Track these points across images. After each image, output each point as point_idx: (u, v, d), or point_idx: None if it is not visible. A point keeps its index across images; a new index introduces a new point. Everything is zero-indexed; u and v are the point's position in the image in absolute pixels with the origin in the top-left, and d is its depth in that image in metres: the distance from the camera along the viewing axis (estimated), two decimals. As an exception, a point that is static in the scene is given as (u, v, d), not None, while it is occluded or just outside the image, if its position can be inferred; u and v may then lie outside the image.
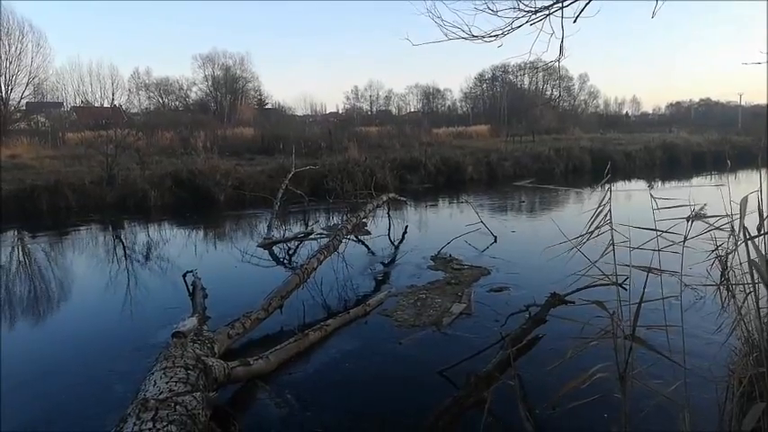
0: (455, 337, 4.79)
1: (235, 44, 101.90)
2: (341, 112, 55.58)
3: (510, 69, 54.02)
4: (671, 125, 44.46)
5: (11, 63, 26.61)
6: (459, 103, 59.26)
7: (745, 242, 2.43)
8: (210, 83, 49.83)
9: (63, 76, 30.30)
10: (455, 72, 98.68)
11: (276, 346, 4.27)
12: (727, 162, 5.27)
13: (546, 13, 3.93)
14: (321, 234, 9.57)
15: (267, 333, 4.96)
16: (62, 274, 8.12)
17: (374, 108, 58.80)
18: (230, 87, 49.79)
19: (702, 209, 2.75)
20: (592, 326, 2.71)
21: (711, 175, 20.28)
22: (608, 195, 2.68)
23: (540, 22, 3.94)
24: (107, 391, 3.91)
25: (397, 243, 9.17)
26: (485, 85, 58.42)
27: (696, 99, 62.85)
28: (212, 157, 16.95)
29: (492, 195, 15.95)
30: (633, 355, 2.41)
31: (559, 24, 3.85)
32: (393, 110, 58.49)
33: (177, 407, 2.79)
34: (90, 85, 29.15)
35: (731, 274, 3.08)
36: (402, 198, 11.49)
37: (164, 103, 47.16)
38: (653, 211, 2.56)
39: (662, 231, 2.52)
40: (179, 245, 9.86)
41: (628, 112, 62.89)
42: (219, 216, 13.24)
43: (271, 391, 3.82)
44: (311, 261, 6.09)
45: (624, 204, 11.96)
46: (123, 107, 29.99)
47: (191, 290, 5.82)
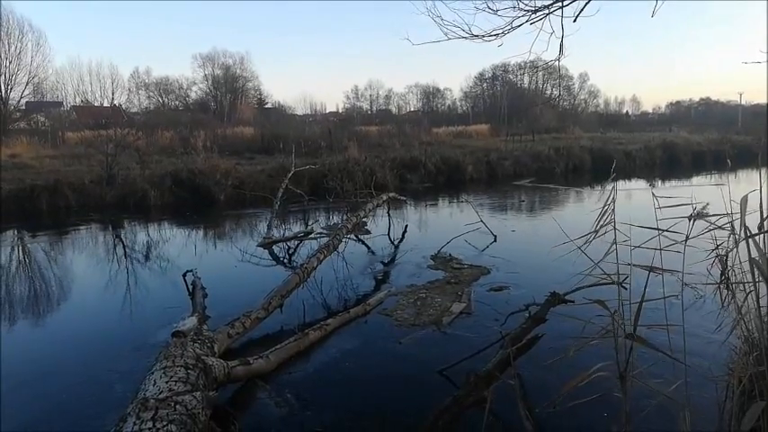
0: (455, 337, 4.79)
1: (235, 43, 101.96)
2: (341, 111, 55.62)
3: (510, 69, 54.09)
4: (671, 124, 44.47)
5: (10, 62, 26.73)
6: (459, 103, 59.39)
7: (745, 240, 2.43)
8: (210, 82, 49.85)
9: (63, 75, 30.43)
10: (455, 71, 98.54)
11: (276, 346, 4.27)
12: (728, 162, 5.27)
13: (546, 12, 3.94)
14: (321, 233, 9.56)
15: (267, 332, 4.96)
16: (62, 273, 8.12)
17: (374, 107, 58.83)
18: (230, 87, 49.78)
19: (705, 208, 2.75)
20: (593, 325, 2.71)
21: (711, 174, 20.28)
22: (612, 195, 2.67)
23: (540, 22, 3.94)
24: (107, 390, 3.91)
25: (396, 242, 9.17)
26: (485, 84, 58.48)
27: (696, 98, 62.96)
28: (212, 156, 16.96)
29: (492, 195, 15.95)
30: (634, 354, 2.41)
31: (559, 24, 3.86)
32: (393, 109, 58.50)
33: (177, 406, 2.79)
34: (90, 84, 29.25)
35: (731, 273, 3.08)
36: (402, 197, 11.49)
37: (163, 102, 47.17)
38: (655, 210, 2.56)
39: (663, 230, 2.51)
40: (179, 244, 9.85)
41: (628, 112, 62.99)
42: (219, 215, 13.24)
43: (271, 391, 3.82)
44: (311, 260, 6.10)
45: (625, 203, 11.96)
46: (123, 106, 30.08)
47: (190, 289, 5.82)
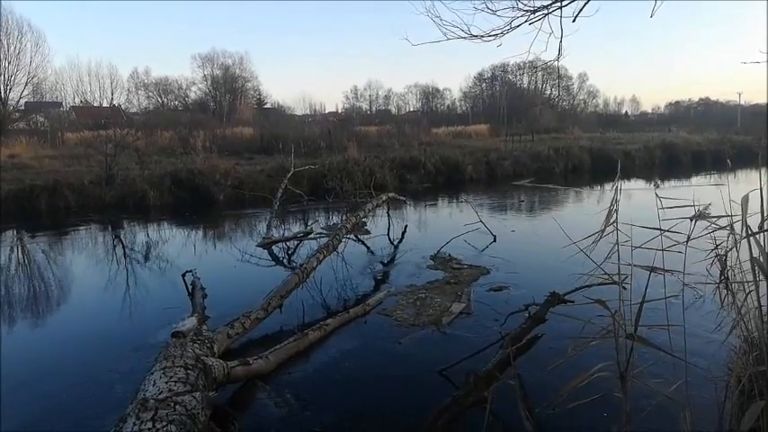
0: (454, 337, 4.79)
1: (234, 44, 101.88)
2: (340, 111, 55.65)
3: (509, 69, 54.13)
4: (670, 124, 44.48)
5: (10, 63, 26.67)
6: (459, 103, 59.37)
7: (747, 239, 2.43)
8: (210, 82, 49.79)
9: (62, 75, 30.45)
10: (454, 71, 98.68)
11: (276, 346, 4.27)
12: (728, 162, 5.27)
13: (545, 12, 3.94)
14: (320, 234, 9.56)
15: (267, 333, 4.95)
16: (61, 274, 8.11)
17: (373, 108, 58.82)
18: (229, 87, 49.75)
19: (706, 208, 2.75)
20: (593, 325, 2.71)
21: (711, 174, 20.30)
22: (616, 195, 2.67)
23: (539, 22, 3.95)
24: (107, 391, 3.90)
25: (396, 242, 9.17)
26: (484, 84, 58.48)
27: (695, 98, 63.06)
28: (211, 156, 16.98)
29: (491, 195, 15.95)
30: (634, 354, 2.41)
31: (558, 24, 3.87)
32: (392, 109, 58.50)
33: (177, 406, 2.79)
34: (89, 84, 29.27)
35: (730, 273, 3.08)
36: (401, 197, 11.50)
37: (163, 102, 47.12)
38: (658, 210, 2.56)
39: (665, 230, 2.51)
40: (178, 245, 9.85)
41: (627, 112, 63.05)
42: (219, 216, 13.23)
43: (270, 391, 3.82)
44: (311, 261, 6.09)
45: (625, 203, 11.89)
46: (122, 107, 30.08)
47: (190, 290, 5.82)
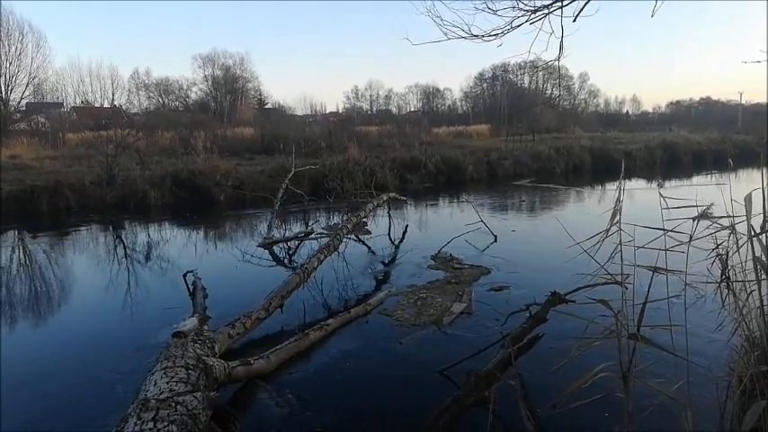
0: (455, 337, 4.79)
1: (235, 44, 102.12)
2: (341, 111, 55.66)
3: (510, 68, 54.08)
4: (671, 124, 44.47)
5: (11, 63, 26.77)
6: (460, 103, 59.40)
7: (749, 239, 2.42)
8: (210, 83, 49.83)
9: (63, 76, 30.40)
10: (455, 71, 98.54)
11: (276, 346, 4.27)
12: (730, 162, 5.26)
13: (545, 12, 3.94)
14: (321, 234, 9.56)
15: (267, 333, 4.96)
16: (62, 274, 8.11)
17: (374, 108, 58.84)
18: (230, 87, 49.78)
19: (709, 208, 2.75)
20: (595, 325, 2.70)
21: (712, 173, 20.27)
22: (620, 195, 2.67)
23: (540, 21, 3.95)
24: (108, 391, 3.91)
25: (397, 242, 9.17)
26: (485, 84, 58.48)
27: (696, 98, 63.10)
28: (212, 157, 16.96)
29: (492, 194, 15.94)
30: (636, 354, 2.41)
31: (559, 23, 3.86)
32: (393, 109, 58.50)
33: (178, 407, 2.79)
34: (90, 85, 29.22)
35: (731, 273, 3.08)
36: (402, 197, 11.49)
37: (164, 103, 47.15)
38: (662, 210, 2.55)
39: (668, 230, 2.51)
40: (179, 245, 9.86)
41: (628, 111, 63.02)
42: (219, 216, 13.24)
43: (271, 391, 3.82)
44: (311, 261, 6.09)
45: (627, 203, 11.90)
46: (123, 107, 30.05)
47: (191, 290, 5.83)
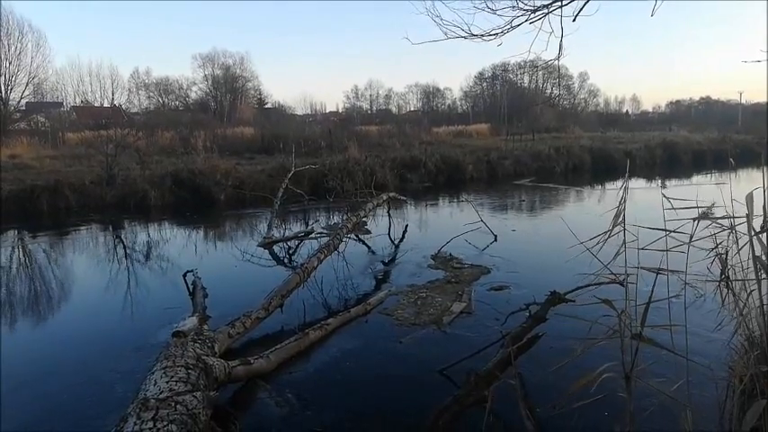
0: (455, 336, 4.79)
1: (234, 44, 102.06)
2: (341, 111, 55.66)
3: (510, 68, 53.98)
4: (671, 123, 44.49)
5: (10, 63, 26.71)
6: (459, 102, 59.39)
7: (749, 239, 2.42)
8: (210, 82, 49.82)
9: (63, 75, 30.32)
10: (455, 71, 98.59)
11: (276, 346, 4.27)
12: (731, 161, 5.26)
13: (545, 11, 3.94)
14: (321, 233, 9.55)
15: (267, 332, 4.96)
16: (62, 274, 8.11)
17: (374, 107, 58.82)
18: (230, 87, 49.77)
19: (710, 208, 2.75)
20: (597, 324, 2.70)
21: (712, 173, 20.27)
22: (624, 195, 2.66)
23: (540, 21, 3.95)
24: (108, 390, 3.91)
25: (397, 242, 9.16)
26: (485, 83, 58.47)
27: (696, 97, 63.16)
28: (212, 156, 16.97)
29: (492, 194, 15.94)
30: (639, 354, 2.41)
31: (558, 23, 3.86)
32: (393, 109, 58.49)
33: (178, 406, 2.79)
34: (90, 84, 29.13)
35: (731, 272, 3.08)
36: (402, 197, 11.49)
37: (164, 102, 47.13)
38: (663, 210, 2.55)
39: (670, 231, 2.50)
40: (179, 245, 9.85)
41: (628, 111, 63.07)
42: (219, 216, 13.23)
43: (271, 391, 3.82)
44: (311, 260, 6.09)
45: (628, 203, 11.93)
46: (123, 107, 30.00)
47: (191, 289, 5.83)
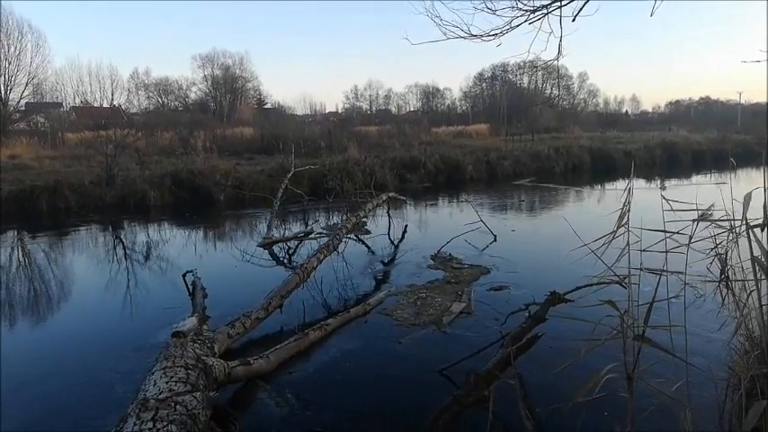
0: (455, 336, 4.79)
1: (234, 44, 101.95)
2: (340, 111, 55.67)
3: (509, 68, 54.03)
4: (670, 124, 44.51)
5: (10, 63, 26.62)
6: (459, 103, 59.34)
7: (747, 238, 2.42)
8: (210, 83, 49.78)
9: (62, 76, 30.24)
10: (454, 71, 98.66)
11: (276, 346, 4.27)
12: (731, 161, 5.26)
13: (544, 11, 3.94)
14: (321, 233, 9.56)
15: (267, 333, 4.95)
16: (62, 274, 8.11)
17: (374, 107, 58.82)
18: (230, 87, 49.74)
19: (710, 209, 2.74)
20: (598, 325, 2.70)
21: (712, 173, 20.29)
22: (628, 197, 2.65)
23: (539, 21, 3.95)
24: (107, 391, 3.91)
25: (396, 242, 9.16)
26: (484, 84, 58.44)
27: (696, 97, 63.26)
28: (212, 156, 16.97)
29: (492, 194, 15.94)
30: (640, 355, 2.41)
31: (558, 23, 3.86)
32: (393, 109, 58.49)
33: (177, 406, 2.79)
34: (89, 85, 29.08)
35: (731, 272, 3.07)
36: (402, 197, 11.49)
37: (163, 103, 47.09)
38: (663, 211, 2.54)
39: (671, 233, 2.50)
40: (179, 245, 9.85)
41: (627, 111, 63.12)
42: (219, 216, 13.23)
43: (271, 391, 3.82)
44: (311, 260, 6.09)
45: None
46: (123, 107, 29.96)
47: (190, 290, 5.83)
